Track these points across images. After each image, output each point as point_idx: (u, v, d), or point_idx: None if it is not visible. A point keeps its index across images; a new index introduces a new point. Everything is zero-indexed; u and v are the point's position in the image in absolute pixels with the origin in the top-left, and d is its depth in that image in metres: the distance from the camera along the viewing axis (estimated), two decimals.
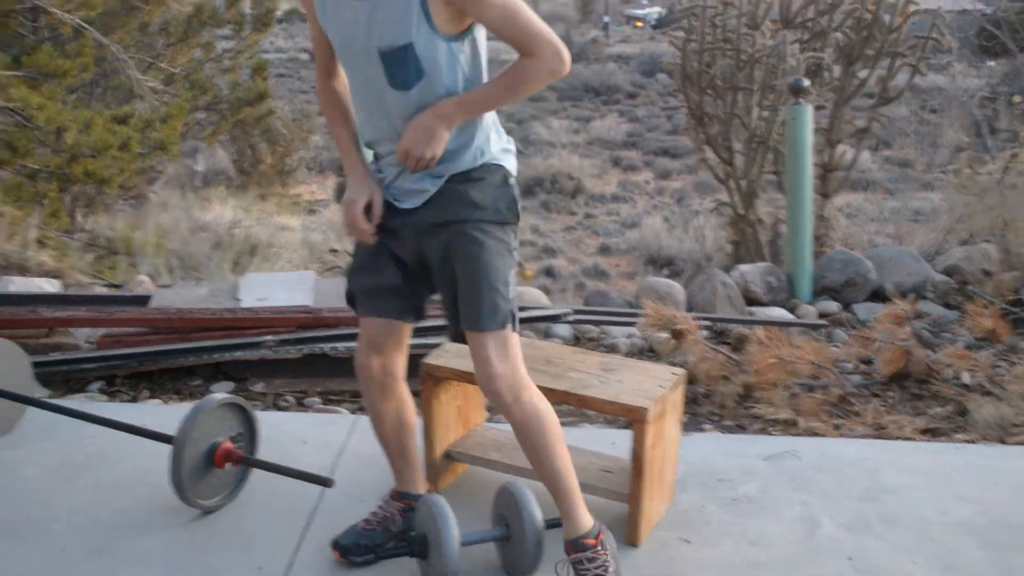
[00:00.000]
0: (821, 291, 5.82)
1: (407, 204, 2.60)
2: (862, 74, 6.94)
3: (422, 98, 2.44)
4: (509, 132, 2.77)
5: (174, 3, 10.72)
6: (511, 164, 2.65)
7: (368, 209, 2.60)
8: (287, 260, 9.53)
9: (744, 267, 5.85)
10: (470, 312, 2.56)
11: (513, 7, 2.35)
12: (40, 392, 4.10)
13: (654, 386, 2.99)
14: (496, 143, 2.62)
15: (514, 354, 2.58)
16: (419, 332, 4.27)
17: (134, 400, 4.30)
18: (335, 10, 2.45)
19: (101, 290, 5.82)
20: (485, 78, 2.52)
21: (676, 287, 5.44)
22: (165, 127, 9.69)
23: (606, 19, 63.41)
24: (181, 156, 14.57)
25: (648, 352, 4.87)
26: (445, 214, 2.57)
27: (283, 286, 4.97)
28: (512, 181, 2.64)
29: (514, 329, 2.59)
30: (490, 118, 2.60)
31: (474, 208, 2.55)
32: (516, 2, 2.36)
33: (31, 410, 3.66)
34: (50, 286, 5.37)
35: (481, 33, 2.49)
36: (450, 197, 2.56)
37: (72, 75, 10.09)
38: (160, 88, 10.20)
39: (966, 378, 4.54)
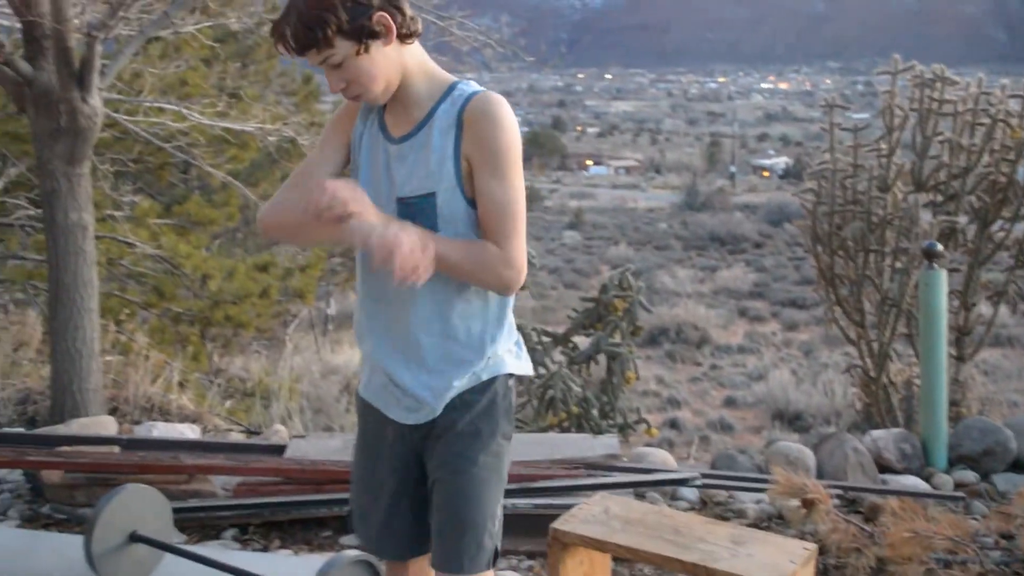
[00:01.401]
0: (958, 459, 5.64)
1: (398, 416, 2.37)
2: (998, 236, 6.85)
3: None
4: (637, 276, 2.55)
5: None
6: (518, 367, 2.41)
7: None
8: None
9: (876, 433, 5.73)
10: (448, 551, 2.33)
11: (518, 199, 2.24)
12: (177, 538, 4.22)
13: (785, 561, 2.95)
14: (504, 343, 2.38)
15: None
16: (547, 492, 4.30)
17: (265, 549, 4.39)
18: (371, 152, 2.34)
19: (238, 437, 6.00)
20: None
21: (806, 452, 5.36)
22: (303, 276, 10.12)
23: (732, 168, 64.04)
24: (314, 299, 15.08)
25: (777, 519, 4.78)
26: (433, 432, 2.36)
27: None
28: (512, 384, 2.40)
29: (493, 566, 2.37)
30: (501, 309, 2.37)
31: (468, 437, 2.33)
32: (521, 199, 2.25)
33: (168, 555, 3.77)
34: (191, 432, 5.57)
35: None
36: (443, 417, 2.35)
37: (218, 224, 10.65)
38: None
39: None
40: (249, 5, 7.58)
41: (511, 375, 2.39)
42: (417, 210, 2.22)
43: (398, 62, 2.23)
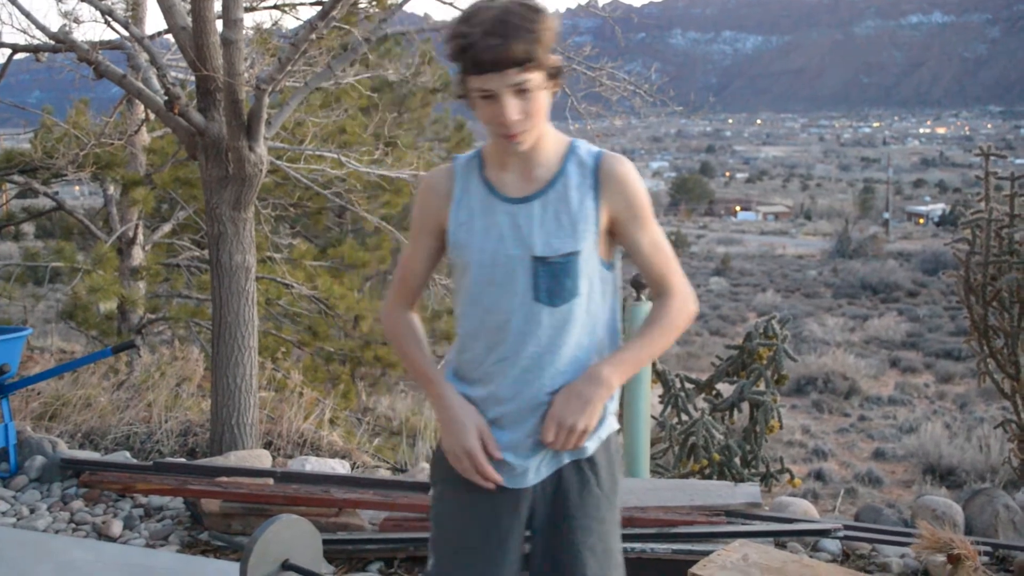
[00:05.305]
0: None
1: (519, 482, 2.28)
2: None
3: (568, 321, 2.21)
4: (783, 324, 2.57)
5: None
6: (616, 422, 2.39)
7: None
8: None
9: None
10: None
11: (663, 235, 2.27)
12: (326, 568, 4.39)
13: None
14: (612, 401, 2.33)
15: None
16: (686, 538, 4.33)
17: None
18: (483, 217, 2.25)
19: (385, 474, 6.19)
20: (619, 322, 2.34)
21: (954, 507, 5.23)
22: (451, 318, 10.34)
23: (886, 215, 62.43)
24: None
25: (922, 574, 4.68)
26: (559, 499, 2.30)
27: None
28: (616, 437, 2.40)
29: None
30: None
31: (599, 499, 2.30)
32: (663, 232, 2.29)
33: None
34: (341, 467, 5.77)
35: (619, 271, 2.35)
36: (570, 481, 2.30)
37: (370, 266, 10.99)
38: (446, 280, 10.91)
39: None
40: (406, 57, 7.87)
41: (615, 435, 2.40)
42: (560, 269, 2.18)
43: (546, 111, 2.20)
